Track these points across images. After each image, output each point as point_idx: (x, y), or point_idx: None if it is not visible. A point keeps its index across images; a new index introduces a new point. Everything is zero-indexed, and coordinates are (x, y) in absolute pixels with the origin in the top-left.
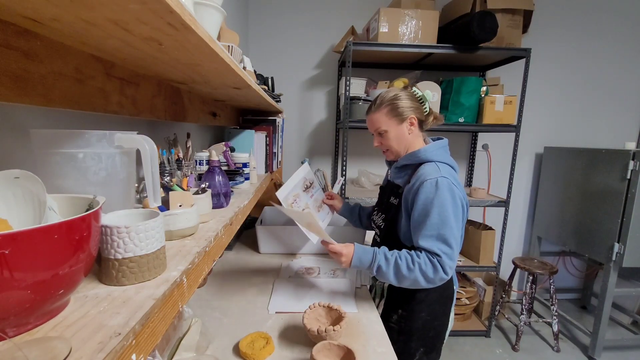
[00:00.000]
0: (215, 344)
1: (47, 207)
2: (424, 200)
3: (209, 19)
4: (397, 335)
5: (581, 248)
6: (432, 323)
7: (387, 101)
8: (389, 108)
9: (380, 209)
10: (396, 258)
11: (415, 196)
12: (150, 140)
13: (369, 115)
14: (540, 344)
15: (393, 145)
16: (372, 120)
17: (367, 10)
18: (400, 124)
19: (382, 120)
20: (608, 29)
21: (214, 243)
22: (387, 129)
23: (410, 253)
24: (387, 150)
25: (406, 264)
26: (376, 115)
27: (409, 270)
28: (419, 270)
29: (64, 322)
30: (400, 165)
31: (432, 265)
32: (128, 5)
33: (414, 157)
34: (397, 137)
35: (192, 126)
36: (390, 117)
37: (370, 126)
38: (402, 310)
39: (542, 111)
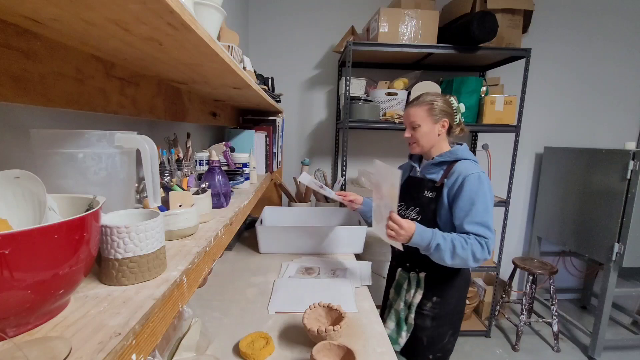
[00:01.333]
0: (215, 344)
1: (47, 207)
2: (470, 192)
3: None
4: (430, 321)
5: (581, 248)
6: (459, 306)
7: (428, 101)
8: (428, 107)
9: (411, 203)
10: (452, 238)
11: (460, 187)
12: (150, 140)
13: (409, 108)
14: (540, 344)
15: (422, 140)
16: (410, 113)
17: (367, 10)
18: (434, 123)
19: (420, 115)
20: (608, 29)
21: (214, 243)
22: (421, 125)
23: (461, 235)
24: (414, 143)
25: (460, 243)
26: (415, 109)
27: (463, 249)
28: (470, 249)
29: (64, 322)
30: (437, 161)
31: (480, 246)
32: (128, 5)
33: (452, 154)
34: (427, 134)
35: (192, 126)
36: (427, 115)
37: (407, 118)
38: (436, 297)
39: (542, 111)
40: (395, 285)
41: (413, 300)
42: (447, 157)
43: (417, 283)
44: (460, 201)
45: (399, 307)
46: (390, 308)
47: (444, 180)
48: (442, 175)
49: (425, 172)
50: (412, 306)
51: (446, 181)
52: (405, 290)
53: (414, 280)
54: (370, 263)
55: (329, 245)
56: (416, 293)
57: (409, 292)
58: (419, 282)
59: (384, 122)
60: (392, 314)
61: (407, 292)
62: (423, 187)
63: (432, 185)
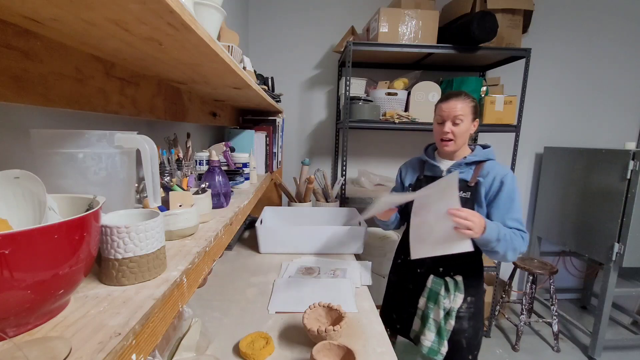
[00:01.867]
0: (215, 344)
1: (47, 207)
2: (509, 191)
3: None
4: (467, 322)
5: (581, 248)
6: (484, 301)
7: (471, 97)
8: (474, 104)
9: None
10: (508, 233)
11: (501, 186)
12: (150, 140)
13: (454, 100)
14: (540, 344)
15: (461, 137)
16: (456, 106)
17: (367, 10)
18: (472, 121)
19: (466, 110)
20: (608, 29)
21: (214, 243)
22: (464, 120)
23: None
24: (450, 141)
25: (510, 236)
26: (462, 103)
27: (516, 241)
28: (519, 244)
29: (64, 322)
30: (471, 161)
31: (522, 239)
32: (128, 5)
33: (485, 154)
34: (465, 132)
35: (192, 126)
36: (471, 111)
37: (451, 110)
38: (470, 296)
39: (542, 111)
40: (429, 293)
41: (453, 306)
42: (480, 157)
43: (455, 287)
44: (500, 200)
45: (438, 315)
46: (426, 319)
47: (478, 179)
48: (473, 174)
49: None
50: (452, 311)
51: (482, 180)
52: (443, 297)
53: (451, 284)
54: (370, 263)
55: (329, 245)
56: (456, 297)
57: (447, 298)
58: (457, 285)
59: (384, 122)
60: (430, 325)
61: (444, 298)
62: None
63: (465, 185)
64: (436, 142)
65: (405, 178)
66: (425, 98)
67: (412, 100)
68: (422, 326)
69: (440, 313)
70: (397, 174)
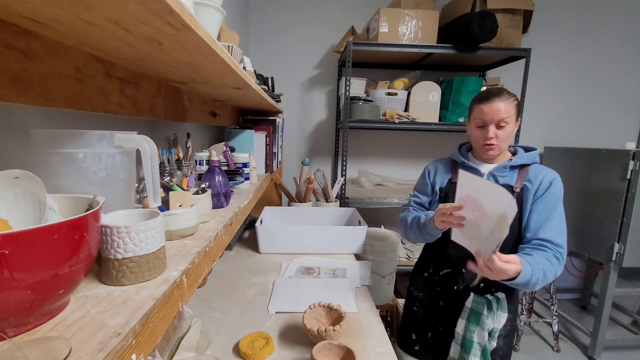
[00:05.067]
0: (215, 344)
1: (47, 207)
2: (553, 197)
3: (209, 19)
4: (502, 340)
5: (581, 248)
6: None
7: (514, 96)
8: (517, 103)
9: None
10: (542, 266)
11: (547, 191)
12: (150, 140)
13: (497, 101)
14: (540, 344)
15: (506, 141)
16: (500, 108)
17: (367, 10)
18: (516, 121)
19: (511, 111)
20: (608, 29)
21: (214, 243)
22: (509, 122)
23: (542, 256)
24: (495, 145)
25: (547, 267)
26: (506, 103)
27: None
28: (554, 270)
29: (64, 322)
30: (518, 164)
31: (557, 260)
32: (128, 5)
33: (532, 157)
34: (511, 134)
35: (192, 126)
36: (515, 112)
37: (495, 112)
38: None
39: (542, 111)
40: (470, 315)
41: (496, 327)
42: (525, 160)
43: (498, 305)
44: (542, 204)
45: (482, 338)
46: (469, 344)
47: (525, 184)
48: (518, 178)
49: (498, 175)
50: (495, 332)
51: (530, 186)
52: (486, 317)
53: (495, 303)
54: (370, 263)
55: (329, 245)
56: (500, 317)
57: (490, 317)
58: (500, 303)
59: (384, 122)
60: (473, 349)
61: (488, 318)
62: None
63: (510, 190)
64: (475, 147)
65: (435, 180)
66: (425, 98)
67: (412, 100)
68: (465, 352)
69: (485, 335)
70: (424, 174)
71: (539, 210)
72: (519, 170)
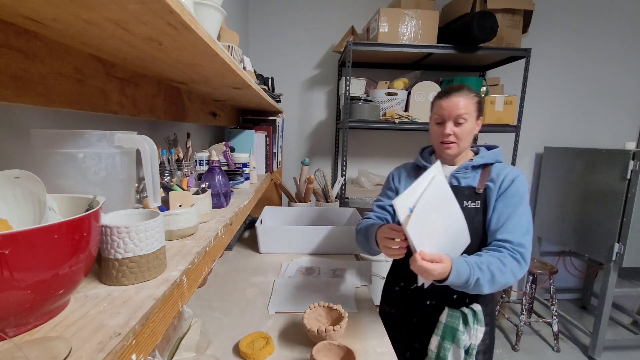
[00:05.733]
0: (215, 344)
1: (47, 207)
2: (516, 193)
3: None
4: (482, 356)
5: (581, 248)
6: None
7: (475, 92)
8: (478, 100)
9: None
10: (488, 265)
11: (507, 189)
12: (150, 140)
13: (455, 96)
14: (540, 344)
15: (465, 139)
16: (459, 104)
17: (367, 10)
18: (476, 120)
19: (470, 107)
20: (608, 29)
21: (214, 243)
22: (468, 119)
23: (494, 255)
24: (453, 143)
25: (498, 268)
26: (465, 99)
27: (502, 274)
28: (510, 271)
29: (64, 322)
30: (479, 163)
31: (516, 261)
32: (128, 5)
33: (493, 156)
34: (470, 132)
35: (192, 126)
36: (475, 109)
37: (453, 107)
38: (486, 326)
39: (542, 111)
40: (444, 331)
41: (474, 342)
42: (487, 160)
43: (474, 319)
44: (503, 204)
45: (458, 356)
46: None
47: (487, 184)
48: (480, 179)
49: (460, 176)
50: (472, 349)
51: (492, 186)
52: (462, 333)
53: (471, 317)
54: (370, 263)
55: (329, 245)
56: (477, 332)
57: (466, 333)
58: (476, 316)
59: (384, 122)
60: None
61: (464, 334)
62: (461, 196)
63: (473, 192)
64: (434, 145)
65: (399, 185)
66: (425, 98)
67: (412, 100)
68: None
69: (461, 354)
70: (388, 180)
71: (499, 209)
72: (482, 171)
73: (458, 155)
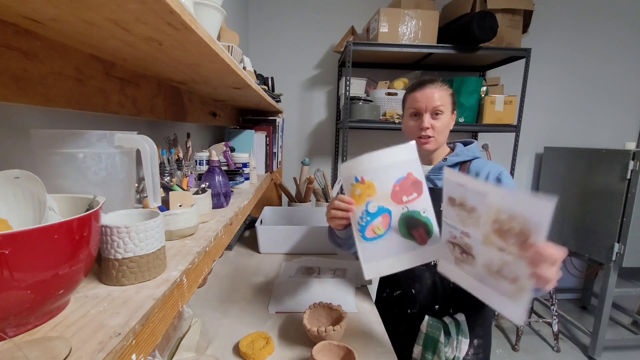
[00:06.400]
0: (215, 344)
1: (47, 207)
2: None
3: (209, 19)
4: None
5: (581, 248)
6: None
7: (448, 85)
8: (451, 92)
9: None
10: None
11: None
12: (150, 140)
13: (430, 88)
14: (540, 344)
15: (443, 132)
16: (434, 96)
17: (367, 10)
18: (451, 113)
19: (446, 99)
20: (608, 29)
21: (214, 243)
22: (445, 112)
23: None
24: (431, 137)
25: None
26: (441, 92)
27: None
28: None
29: (64, 322)
30: (454, 162)
31: None
32: (128, 5)
33: (470, 152)
34: (447, 126)
35: (192, 126)
36: (450, 102)
37: (428, 100)
38: (478, 339)
39: (542, 111)
40: (425, 340)
41: (458, 355)
42: (465, 157)
43: (457, 329)
44: None
45: None
46: None
47: None
48: None
49: (435, 177)
50: None
51: None
52: (444, 344)
53: (453, 327)
54: None
55: (329, 245)
56: (460, 343)
57: (448, 345)
58: (460, 327)
59: (384, 122)
60: None
61: (446, 346)
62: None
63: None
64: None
65: None
66: None
67: None
68: None
69: None
70: None
71: None
72: (459, 169)
73: (435, 151)
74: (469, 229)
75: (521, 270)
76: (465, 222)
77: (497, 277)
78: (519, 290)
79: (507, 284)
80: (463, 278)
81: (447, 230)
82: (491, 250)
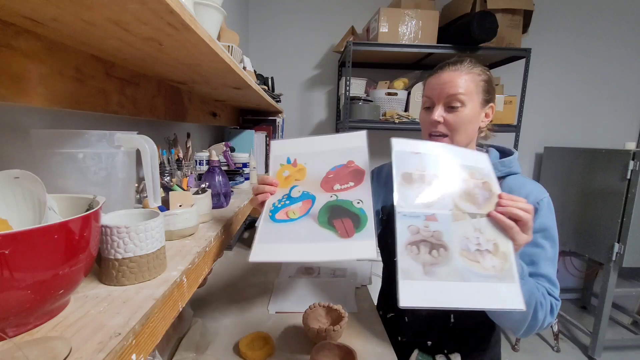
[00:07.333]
0: (215, 344)
1: (47, 207)
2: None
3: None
4: None
5: (581, 248)
6: None
7: (482, 68)
8: (484, 77)
9: None
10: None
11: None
12: (150, 140)
13: (450, 71)
14: (540, 344)
15: (461, 129)
16: (452, 79)
17: (367, 10)
18: (482, 107)
19: (470, 87)
20: (608, 29)
21: (214, 243)
22: (467, 103)
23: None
24: (444, 136)
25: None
26: (466, 75)
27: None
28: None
29: (64, 322)
30: None
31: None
32: (128, 5)
33: (506, 165)
34: (470, 121)
35: (192, 126)
36: (481, 89)
37: (444, 87)
38: None
39: (542, 111)
40: None
41: None
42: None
43: None
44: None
45: None
46: None
47: None
48: None
49: None
50: None
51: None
52: None
53: None
54: (370, 263)
55: None
56: None
57: None
58: None
59: (384, 122)
60: None
61: None
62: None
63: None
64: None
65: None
66: None
67: (412, 100)
68: None
69: None
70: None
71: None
72: None
73: None
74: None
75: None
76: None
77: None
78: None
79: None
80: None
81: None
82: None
